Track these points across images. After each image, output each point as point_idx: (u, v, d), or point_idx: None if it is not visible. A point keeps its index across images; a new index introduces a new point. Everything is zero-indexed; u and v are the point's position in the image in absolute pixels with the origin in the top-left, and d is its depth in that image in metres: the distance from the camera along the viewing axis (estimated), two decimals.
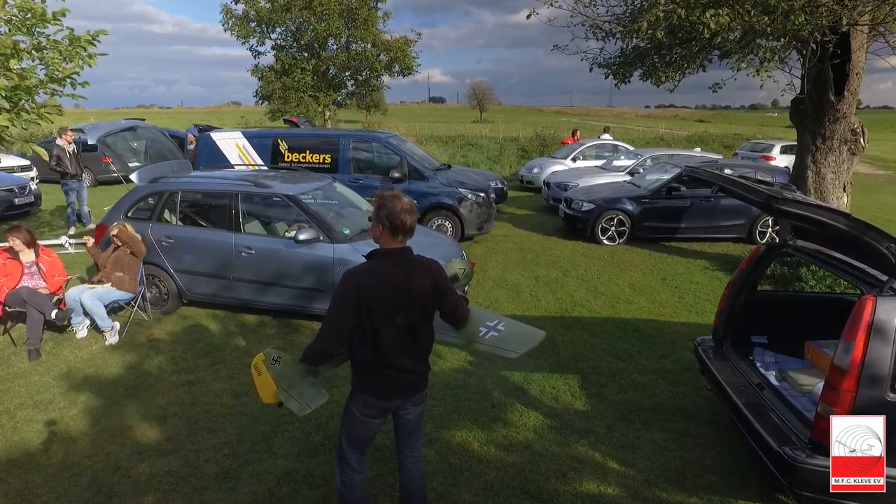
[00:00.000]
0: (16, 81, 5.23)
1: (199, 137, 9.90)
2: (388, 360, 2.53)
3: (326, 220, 5.74)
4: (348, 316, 2.45)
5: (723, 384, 3.67)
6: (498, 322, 2.99)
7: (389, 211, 2.45)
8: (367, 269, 2.51)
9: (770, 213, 3.35)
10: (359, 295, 2.43)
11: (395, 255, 2.53)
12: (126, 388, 4.60)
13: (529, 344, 2.95)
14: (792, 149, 17.73)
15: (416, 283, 2.53)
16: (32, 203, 11.86)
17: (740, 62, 6.04)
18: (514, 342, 2.94)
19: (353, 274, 2.49)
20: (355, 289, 2.44)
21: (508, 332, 2.96)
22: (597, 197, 10.03)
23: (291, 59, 21.43)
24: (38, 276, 5.50)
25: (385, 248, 2.53)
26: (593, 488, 3.42)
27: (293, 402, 2.56)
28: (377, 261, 2.53)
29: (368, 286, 2.45)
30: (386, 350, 2.51)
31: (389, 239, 2.50)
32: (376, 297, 2.44)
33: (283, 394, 2.57)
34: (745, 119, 69.75)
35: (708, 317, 6.29)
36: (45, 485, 3.41)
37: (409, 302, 2.51)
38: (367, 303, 2.43)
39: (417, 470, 2.87)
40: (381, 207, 2.48)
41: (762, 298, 4.37)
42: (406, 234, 2.51)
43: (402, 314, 2.50)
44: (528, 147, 23.16)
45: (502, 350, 2.93)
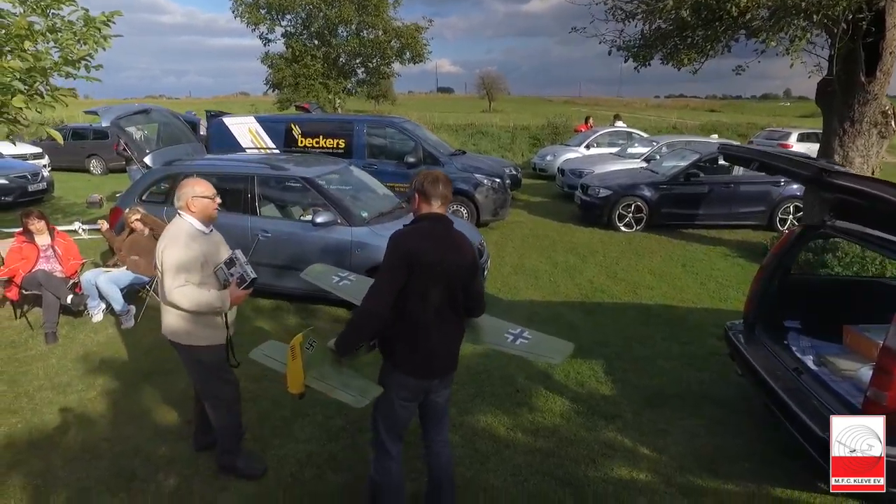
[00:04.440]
0: (31, 63, 5.15)
1: (210, 123, 9.83)
2: (427, 333, 2.48)
3: (344, 203, 5.65)
4: (398, 275, 2.40)
5: (757, 369, 3.55)
6: (522, 331, 2.90)
7: (422, 179, 2.54)
8: (414, 230, 2.51)
9: (820, 188, 3.20)
10: (411, 253, 2.40)
11: (438, 220, 2.52)
12: (143, 371, 4.55)
13: (564, 353, 2.85)
14: (809, 136, 17.56)
15: (459, 251, 2.52)
16: (45, 190, 11.91)
17: (769, 41, 5.84)
18: (548, 349, 2.85)
19: (402, 234, 2.49)
20: (407, 247, 2.42)
21: (537, 340, 2.87)
22: (613, 183, 9.88)
23: (302, 46, 21.31)
24: (53, 260, 5.46)
25: (427, 212, 2.53)
26: (625, 474, 3.33)
27: (341, 393, 2.47)
28: (423, 224, 2.52)
29: (418, 243, 2.44)
30: (426, 322, 2.46)
31: (425, 205, 2.53)
32: (426, 254, 2.41)
33: (318, 384, 2.48)
34: (757, 109, 68.79)
35: (732, 303, 6.17)
36: (65, 466, 3.35)
37: (453, 267, 2.48)
38: (418, 261, 2.39)
39: (445, 455, 2.79)
40: (416, 180, 2.55)
41: (796, 282, 4.23)
42: (439, 200, 2.51)
43: (446, 279, 2.46)
44: (540, 135, 22.93)
45: (540, 355, 2.91)
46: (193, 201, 2.91)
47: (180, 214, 2.95)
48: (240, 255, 2.95)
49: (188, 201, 2.91)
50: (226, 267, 2.93)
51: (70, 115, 21.42)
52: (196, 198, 2.91)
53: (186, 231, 2.89)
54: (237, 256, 2.94)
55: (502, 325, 2.97)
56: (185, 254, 2.81)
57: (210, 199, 2.96)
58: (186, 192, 2.92)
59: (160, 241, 2.93)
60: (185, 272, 2.80)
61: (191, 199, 2.90)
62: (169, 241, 2.86)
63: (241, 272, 2.90)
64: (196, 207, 2.92)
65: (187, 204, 2.91)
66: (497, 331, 2.91)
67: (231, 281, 2.91)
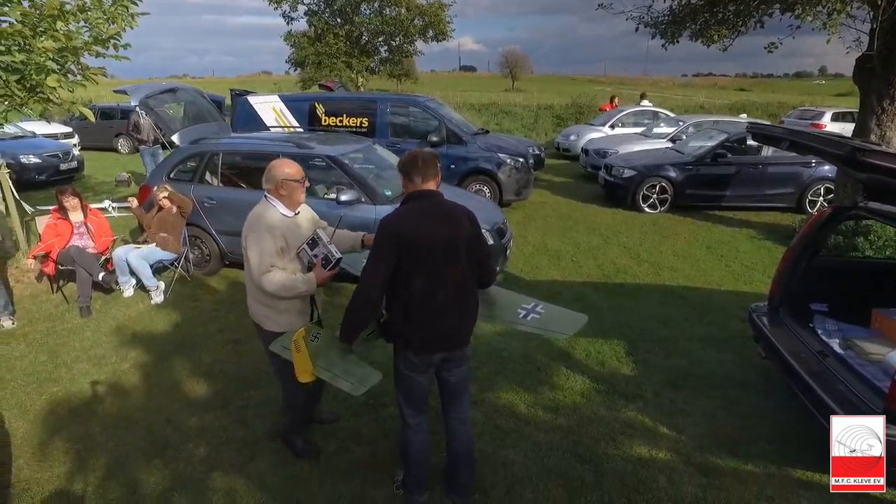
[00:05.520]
0: (63, 43, 5.25)
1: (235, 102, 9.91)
2: (422, 310, 2.50)
3: (368, 181, 5.69)
4: (389, 259, 2.42)
5: (781, 352, 3.52)
6: (536, 305, 2.90)
7: (403, 159, 2.58)
8: (402, 212, 2.52)
9: (854, 168, 3.12)
10: (399, 235, 2.41)
11: (426, 196, 2.53)
12: (173, 345, 4.69)
13: (576, 326, 2.84)
14: (844, 116, 17.02)
15: (453, 224, 2.52)
16: (76, 168, 12.20)
17: (805, 16, 5.64)
18: (560, 323, 2.85)
19: (390, 218, 2.50)
20: (394, 230, 2.43)
21: (549, 314, 2.87)
22: (638, 163, 9.74)
23: (324, 24, 21.18)
24: (86, 237, 5.62)
25: (413, 191, 2.54)
26: (644, 452, 3.35)
27: (342, 381, 2.52)
28: (411, 203, 2.53)
29: (406, 224, 2.44)
30: (423, 299, 2.48)
31: (409, 184, 2.54)
32: (416, 236, 2.42)
33: (324, 372, 2.53)
34: (790, 87, 66.72)
35: (756, 286, 6.09)
36: (103, 433, 3.51)
37: (448, 243, 2.48)
38: (406, 242, 2.41)
39: (464, 432, 2.84)
40: (398, 162, 2.63)
41: (824, 264, 4.15)
42: (419, 177, 2.51)
43: (439, 254, 2.46)
44: (564, 115, 22.62)
45: (551, 331, 2.86)
46: (284, 184, 2.80)
47: (267, 197, 2.86)
48: (322, 235, 2.84)
49: (278, 183, 2.80)
50: (308, 248, 2.82)
51: (98, 95, 21.77)
52: (286, 181, 2.80)
53: (270, 216, 2.80)
54: (319, 236, 2.82)
55: (516, 300, 2.98)
56: (267, 239, 2.74)
57: (299, 183, 2.86)
58: (276, 175, 2.81)
59: (245, 225, 2.85)
60: (269, 257, 2.73)
61: (281, 181, 2.80)
62: (252, 226, 2.79)
63: (324, 252, 2.79)
64: (286, 191, 2.82)
65: (277, 186, 2.81)
66: (511, 306, 2.92)
67: (315, 262, 2.82)
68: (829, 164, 8.14)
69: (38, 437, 3.48)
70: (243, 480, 3.10)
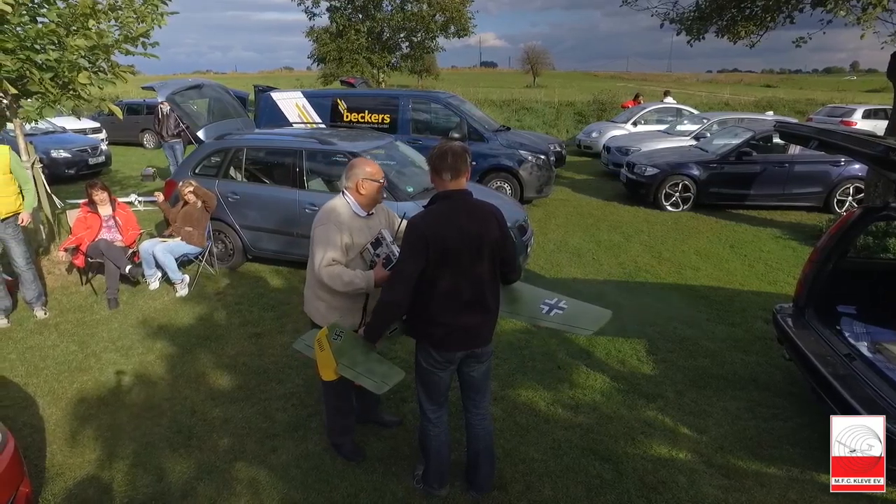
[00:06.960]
0: (94, 41, 5.38)
1: (258, 98, 10.03)
2: (448, 308, 2.51)
3: (390, 178, 5.71)
4: (418, 260, 2.42)
5: (806, 354, 3.46)
6: (559, 300, 2.89)
7: (433, 153, 2.53)
8: (430, 212, 2.51)
9: (886, 168, 3.05)
10: (427, 237, 2.40)
11: (455, 197, 2.51)
12: (197, 337, 4.78)
13: (599, 322, 2.82)
14: (877, 113, 16.56)
15: (482, 225, 2.51)
16: (104, 163, 12.47)
17: (838, 10, 5.51)
18: (583, 320, 2.83)
19: (418, 218, 2.49)
20: (423, 231, 2.42)
21: (572, 310, 2.85)
22: (661, 161, 9.63)
23: (346, 20, 21.31)
24: (115, 230, 5.74)
25: (442, 190, 2.53)
26: (664, 452, 3.33)
27: (365, 379, 2.53)
28: (439, 204, 2.52)
29: (435, 226, 2.43)
30: (448, 298, 2.49)
31: (438, 179, 2.52)
32: (444, 238, 2.41)
33: (347, 371, 2.54)
34: (818, 83, 65.15)
35: (781, 287, 5.99)
36: (130, 422, 3.60)
37: (475, 243, 2.48)
38: (435, 244, 2.40)
39: (484, 427, 2.86)
40: (428, 155, 2.58)
41: (853, 266, 4.07)
42: (449, 173, 2.48)
43: (468, 256, 2.47)
44: (586, 111, 22.43)
45: (573, 327, 2.84)
46: (363, 183, 2.79)
47: (344, 194, 2.86)
48: (386, 235, 2.83)
49: (358, 182, 2.79)
50: (371, 248, 2.82)
51: (124, 91, 22.13)
52: (366, 180, 2.79)
53: (341, 212, 2.81)
54: (384, 236, 2.82)
55: (539, 294, 2.97)
56: (334, 233, 2.74)
57: (379, 184, 2.84)
58: (357, 173, 2.80)
59: (316, 217, 2.86)
60: (333, 251, 2.74)
61: (361, 180, 2.79)
62: (322, 219, 2.81)
63: (387, 252, 2.78)
64: (365, 190, 2.80)
65: (357, 185, 2.80)
66: (533, 301, 2.92)
67: (377, 262, 2.81)
68: (860, 164, 7.95)
69: (69, 424, 3.59)
70: (266, 471, 3.15)
